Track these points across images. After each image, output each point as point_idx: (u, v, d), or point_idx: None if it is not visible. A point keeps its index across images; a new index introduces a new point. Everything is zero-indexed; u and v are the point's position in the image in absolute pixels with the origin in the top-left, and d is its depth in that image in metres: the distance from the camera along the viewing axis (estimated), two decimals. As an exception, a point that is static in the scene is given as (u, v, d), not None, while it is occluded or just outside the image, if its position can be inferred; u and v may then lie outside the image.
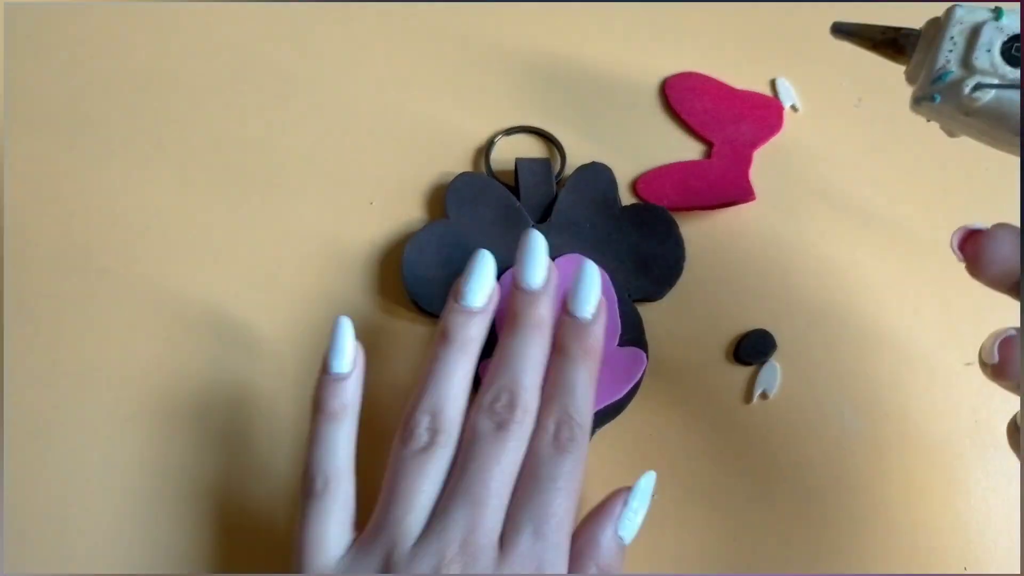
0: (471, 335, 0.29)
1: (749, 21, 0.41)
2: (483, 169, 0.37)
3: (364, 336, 0.34)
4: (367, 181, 0.37)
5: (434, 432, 0.28)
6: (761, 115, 0.38)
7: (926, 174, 0.38)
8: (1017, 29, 0.24)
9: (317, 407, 0.29)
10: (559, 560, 0.26)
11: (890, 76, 0.40)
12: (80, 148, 0.38)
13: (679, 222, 0.35)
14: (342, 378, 0.29)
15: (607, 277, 0.34)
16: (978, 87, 0.24)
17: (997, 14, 0.24)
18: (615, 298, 0.34)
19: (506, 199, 0.36)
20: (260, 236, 0.37)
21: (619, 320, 0.34)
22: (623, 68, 0.40)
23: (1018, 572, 0.32)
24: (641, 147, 0.38)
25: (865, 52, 0.40)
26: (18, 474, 0.33)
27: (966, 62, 0.24)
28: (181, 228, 0.37)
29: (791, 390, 0.34)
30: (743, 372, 0.34)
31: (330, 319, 0.35)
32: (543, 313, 0.30)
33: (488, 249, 0.35)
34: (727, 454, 0.33)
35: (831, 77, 0.40)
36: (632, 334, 0.34)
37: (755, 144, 0.38)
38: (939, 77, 0.25)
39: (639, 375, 0.33)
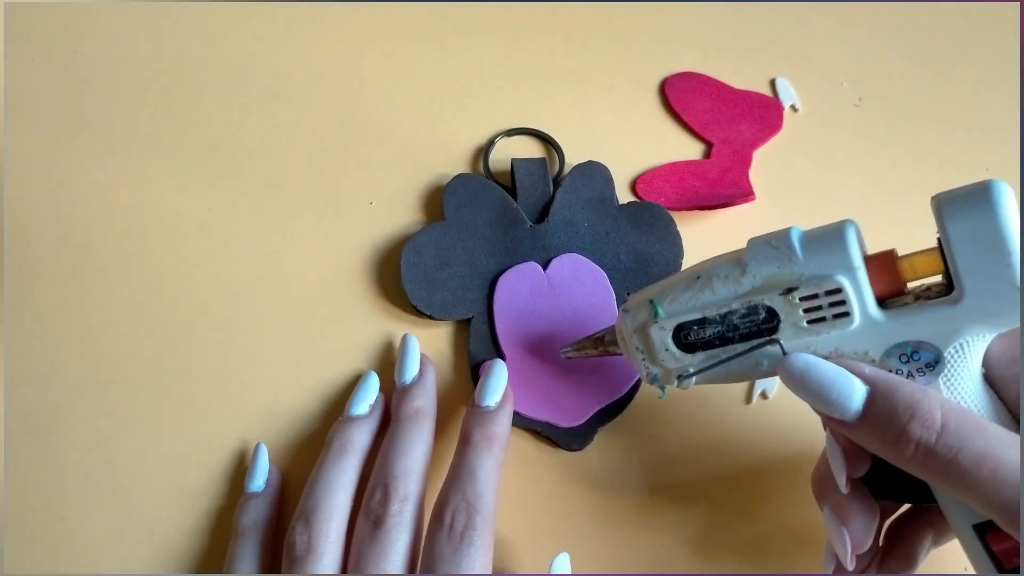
0: (348, 439, 0.31)
1: (749, 21, 0.41)
2: (481, 170, 0.37)
3: (364, 337, 0.35)
4: (367, 181, 0.37)
5: (308, 536, 0.28)
6: (761, 115, 0.38)
7: (926, 174, 0.38)
8: (676, 316, 0.26)
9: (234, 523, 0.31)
10: None
11: (890, 76, 0.40)
12: (80, 147, 0.38)
13: (679, 222, 0.35)
14: (252, 496, 0.31)
15: (605, 277, 0.34)
16: (681, 378, 0.27)
17: (653, 311, 0.27)
18: (614, 296, 0.34)
19: (503, 200, 0.36)
20: (259, 236, 0.37)
21: (618, 319, 0.34)
22: (623, 68, 0.40)
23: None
24: (641, 147, 0.38)
25: (865, 52, 0.41)
26: (18, 474, 0.33)
27: (659, 363, 0.27)
28: (181, 228, 0.37)
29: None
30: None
31: (330, 319, 0.35)
32: (417, 404, 0.31)
33: (485, 250, 0.35)
34: (727, 453, 0.33)
35: (831, 77, 0.40)
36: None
37: (755, 144, 0.38)
38: (651, 380, 0.28)
39: (638, 375, 0.33)
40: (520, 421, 0.33)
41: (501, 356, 0.33)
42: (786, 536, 0.32)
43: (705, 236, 0.36)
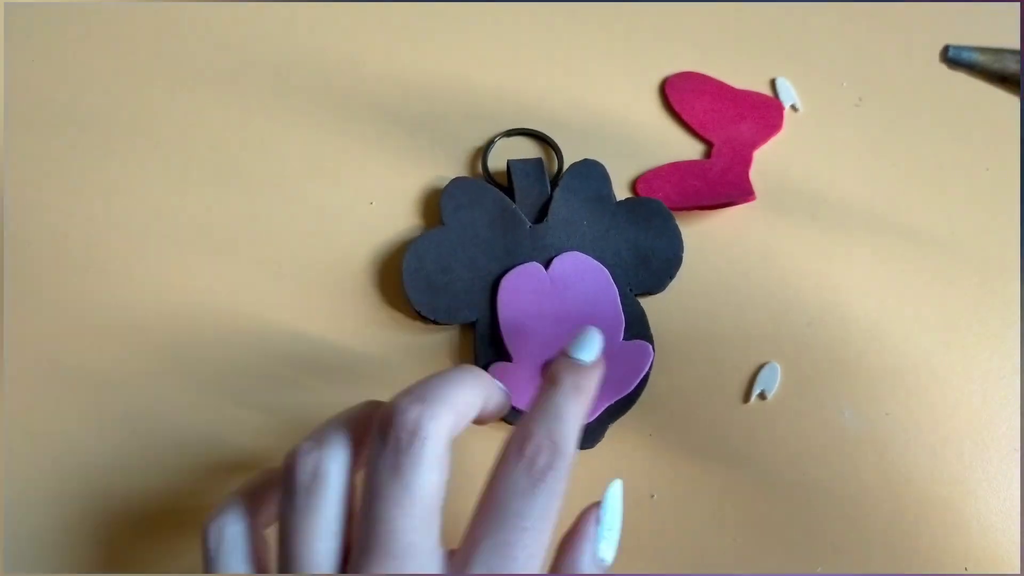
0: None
1: (749, 21, 0.41)
2: (480, 171, 0.37)
3: (366, 341, 0.35)
4: (367, 182, 0.37)
5: (314, 472, 0.24)
6: (761, 115, 0.38)
7: (926, 174, 0.38)
8: None
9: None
10: None
11: (890, 76, 0.40)
12: (80, 148, 0.38)
13: (679, 222, 0.35)
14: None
15: (608, 274, 0.34)
16: None
17: None
18: (617, 294, 0.34)
19: (501, 202, 0.36)
20: (259, 236, 0.37)
21: (622, 315, 0.34)
22: (623, 68, 0.40)
23: (1018, 572, 0.32)
24: (641, 147, 0.38)
25: (865, 52, 0.41)
26: (18, 474, 0.33)
27: None
28: (180, 229, 0.37)
29: (790, 390, 0.34)
30: (745, 371, 0.34)
31: (331, 321, 0.35)
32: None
33: (485, 253, 0.35)
34: (731, 452, 0.33)
35: (831, 77, 0.40)
36: (636, 328, 0.34)
37: (755, 144, 0.38)
38: None
39: (647, 368, 0.33)
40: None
41: (507, 357, 0.34)
42: (787, 536, 0.32)
43: (705, 236, 0.36)
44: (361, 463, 0.26)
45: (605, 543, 0.27)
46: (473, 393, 0.26)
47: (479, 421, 0.28)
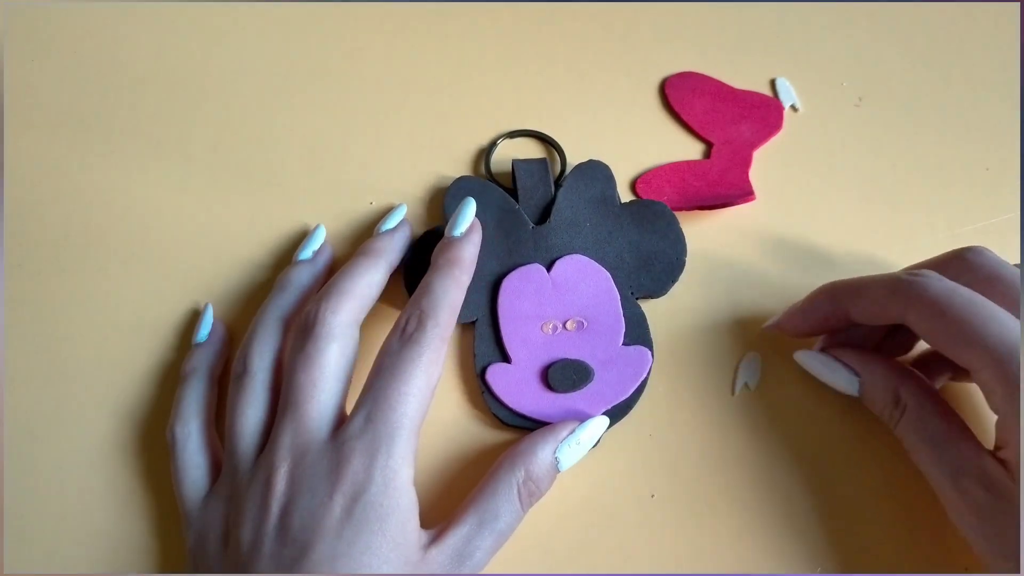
0: (287, 278, 0.33)
1: (749, 21, 0.41)
2: (482, 171, 0.37)
3: (366, 342, 0.35)
4: (367, 182, 0.37)
5: (244, 365, 0.31)
6: (761, 115, 0.38)
7: (926, 174, 0.38)
8: None
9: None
10: (392, 441, 0.28)
11: (890, 76, 0.40)
12: (80, 147, 0.38)
13: (679, 222, 0.35)
14: (197, 345, 0.34)
15: (609, 277, 0.34)
16: None
17: None
18: (618, 296, 0.34)
19: (504, 202, 0.36)
20: (260, 236, 0.37)
21: (623, 319, 0.34)
22: (623, 68, 0.40)
23: (1018, 572, 0.32)
24: (641, 147, 0.38)
25: (865, 52, 0.41)
26: (18, 474, 0.33)
27: None
28: (181, 228, 0.37)
29: (791, 389, 0.34)
30: (743, 372, 0.34)
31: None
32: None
33: (488, 253, 0.35)
34: (731, 451, 0.33)
35: (831, 77, 0.40)
36: (637, 332, 0.34)
37: (755, 144, 0.38)
38: None
39: (645, 373, 0.33)
40: (525, 423, 0.33)
41: (507, 358, 0.34)
42: (786, 536, 0.32)
43: (705, 236, 0.36)
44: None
45: (568, 449, 0.31)
46: (367, 279, 0.32)
47: None
